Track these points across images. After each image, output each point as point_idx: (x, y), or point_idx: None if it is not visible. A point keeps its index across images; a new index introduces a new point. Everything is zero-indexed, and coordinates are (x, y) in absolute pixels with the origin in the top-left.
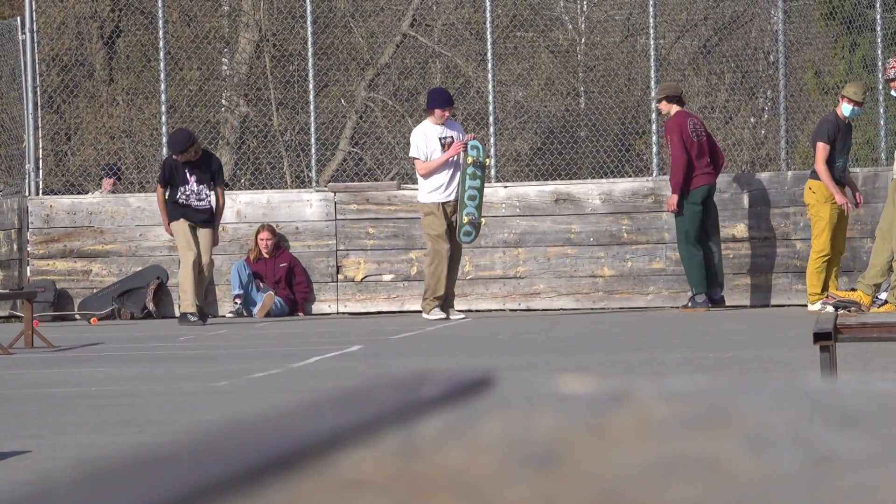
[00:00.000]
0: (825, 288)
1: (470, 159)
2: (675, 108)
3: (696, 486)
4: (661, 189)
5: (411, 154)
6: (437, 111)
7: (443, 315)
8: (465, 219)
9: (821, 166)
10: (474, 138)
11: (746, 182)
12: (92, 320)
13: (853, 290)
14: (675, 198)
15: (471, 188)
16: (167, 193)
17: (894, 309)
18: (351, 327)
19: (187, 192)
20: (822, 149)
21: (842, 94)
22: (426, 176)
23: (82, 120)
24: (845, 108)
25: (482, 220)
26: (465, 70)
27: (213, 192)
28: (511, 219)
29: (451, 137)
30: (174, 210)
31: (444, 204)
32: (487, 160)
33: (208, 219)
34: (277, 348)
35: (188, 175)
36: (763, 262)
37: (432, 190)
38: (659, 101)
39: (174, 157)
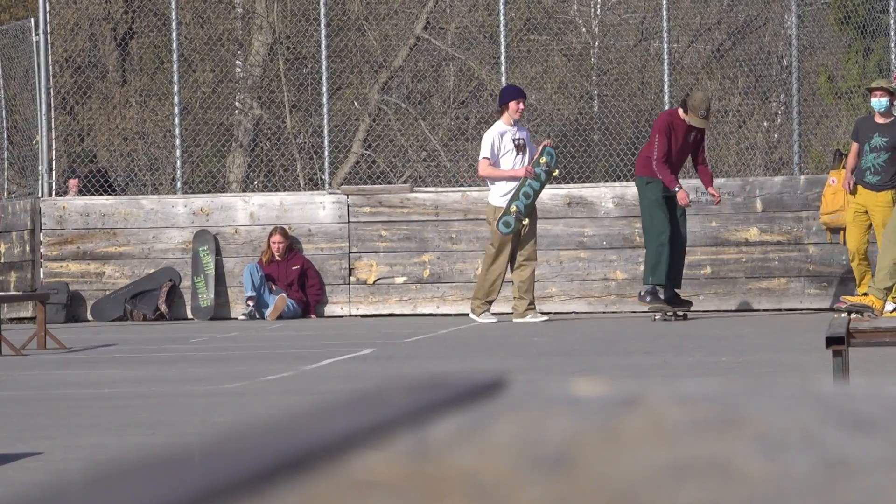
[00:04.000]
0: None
1: (543, 159)
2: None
3: (708, 488)
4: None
5: (483, 154)
6: (512, 104)
7: (494, 319)
8: (513, 208)
9: (849, 161)
10: (552, 146)
11: (759, 186)
12: None
13: (865, 295)
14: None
15: (529, 186)
16: None
17: None
18: (363, 330)
19: None
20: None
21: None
22: (491, 180)
23: (95, 121)
24: (874, 103)
25: (525, 220)
26: (478, 73)
27: None
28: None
29: (523, 139)
30: None
31: None
32: (556, 171)
33: None
34: (289, 350)
35: None
36: (776, 266)
37: (506, 193)
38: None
39: None
